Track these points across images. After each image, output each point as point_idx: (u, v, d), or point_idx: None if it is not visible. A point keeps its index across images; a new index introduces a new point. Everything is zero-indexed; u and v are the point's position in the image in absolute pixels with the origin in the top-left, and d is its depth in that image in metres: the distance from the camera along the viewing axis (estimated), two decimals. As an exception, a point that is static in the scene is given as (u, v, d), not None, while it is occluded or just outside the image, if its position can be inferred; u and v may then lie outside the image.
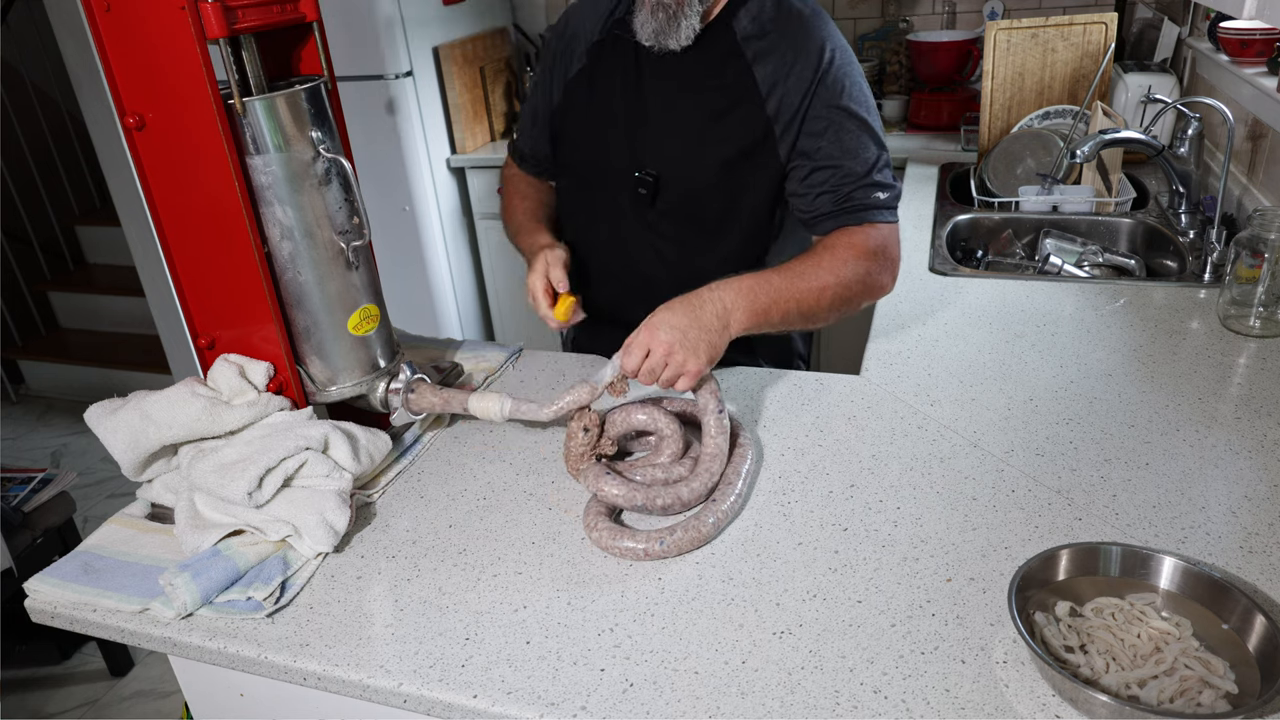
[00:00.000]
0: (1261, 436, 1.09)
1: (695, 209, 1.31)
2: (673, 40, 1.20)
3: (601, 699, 0.79)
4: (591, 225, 1.39)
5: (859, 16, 2.97)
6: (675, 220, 1.32)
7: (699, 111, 1.26)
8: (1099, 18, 2.12)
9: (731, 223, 1.31)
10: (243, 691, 0.98)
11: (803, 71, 1.21)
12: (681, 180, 1.29)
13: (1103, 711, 0.72)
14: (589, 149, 1.35)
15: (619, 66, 1.30)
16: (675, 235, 1.33)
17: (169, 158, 0.98)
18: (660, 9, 1.19)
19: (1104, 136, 1.68)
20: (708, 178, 1.28)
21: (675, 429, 1.07)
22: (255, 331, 1.05)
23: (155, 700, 2.21)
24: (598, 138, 1.33)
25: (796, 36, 1.22)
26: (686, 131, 1.27)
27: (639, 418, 1.08)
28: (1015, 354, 1.32)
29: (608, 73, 1.31)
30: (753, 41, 1.23)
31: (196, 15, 0.89)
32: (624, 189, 1.32)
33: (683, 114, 1.27)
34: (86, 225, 3.99)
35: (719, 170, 1.27)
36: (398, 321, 1.23)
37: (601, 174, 1.34)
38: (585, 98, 1.34)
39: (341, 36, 2.55)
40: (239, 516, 0.98)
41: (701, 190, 1.29)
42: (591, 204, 1.38)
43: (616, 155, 1.32)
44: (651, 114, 1.29)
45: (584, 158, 1.37)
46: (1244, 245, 1.35)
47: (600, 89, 1.32)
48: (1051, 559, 0.85)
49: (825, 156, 1.22)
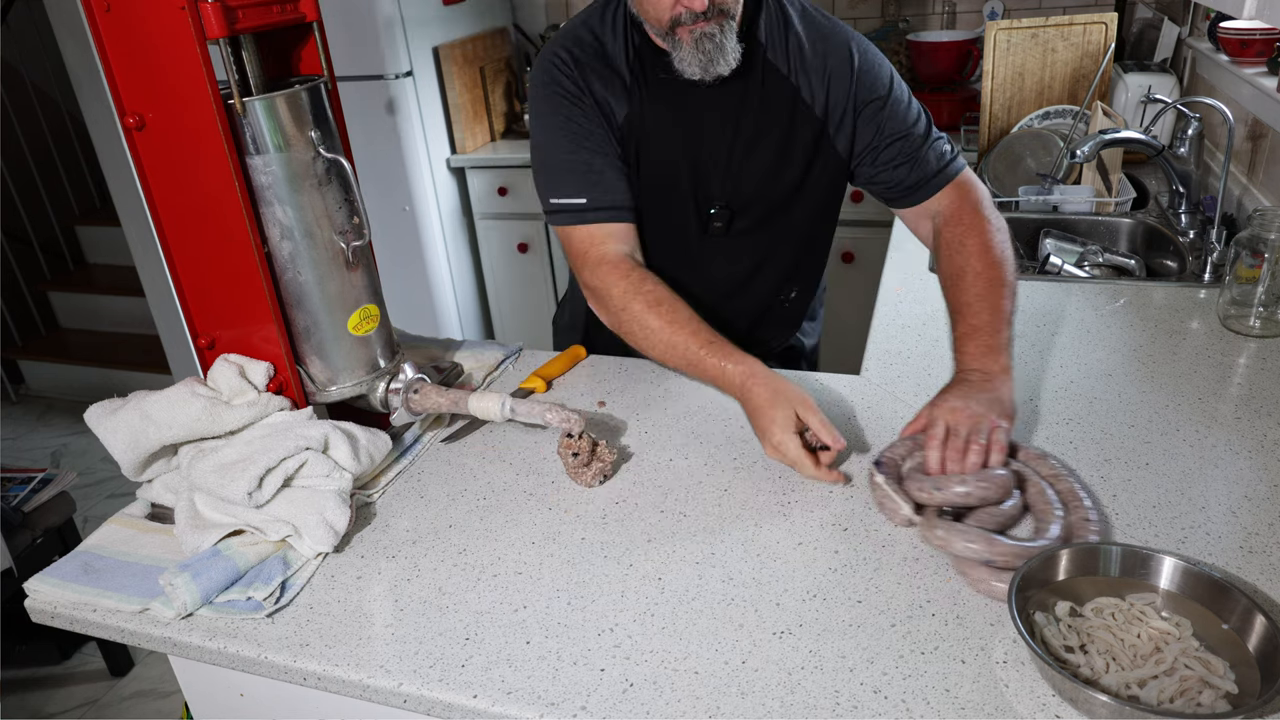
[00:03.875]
0: (1261, 436, 1.09)
1: (770, 225, 1.33)
2: (723, 65, 1.16)
3: (601, 699, 0.79)
4: (661, 248, 1.32)
5: (859, 16, 2.97)
6: (748, 240, 1.34)
7: (758, 136, 1.26)
8: (1099, 18, 2.12)
9: (802, 223, 1.34)
10: (243, 691, 0.98)
11: (840, 73, 1.24)
12: (756, 207, 1.31)
13: (1103, 711, 0.72)
14: (652, 191, 1.28)
15: (663, 105, 1.24)
16: (747, 253, 1.36)
17: (169, 158, 0.98)
18: (705, 39, 1.14)
19: (1104, 136, 1.68)
20: (780, 197, 1.30)
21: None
22: (255, 331, 1.05)
23: (155, 700, 2.21)
24: (659, 180, 1.28)
25: (823, 42, 1.24)
26: (751, 160, 1.27)
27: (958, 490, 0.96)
28: (1015, 354, 1.32)
29: (655, 113, 1.25)
30: (779, 52, 1.24)
31: (196, 15, 0.89)
32: (692, 224, 1.32)
33: (742, 142, 1.26)
34: (86, 225, 3.99)
35: (790, 188, 1.30)
36: (398, 321, 1.23)
37: (665, 213, 1.30)
38: (639, 141, 1.26)
39: (341, 36, 2.55)
40: (239, 516, 0.98)
41: (775, 209, 1.32)
42: (662, 233, 1.32)
43: (679, 195, 1.29)
44: (713, 149, 1.27)
45: (647, 201, 1.28)
46: (1244, 245, 1.35)
47: (651, 132, 1.25)
48: (1052, 559, 0.85)
49: (888, 135, 1.26)
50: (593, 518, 1.03)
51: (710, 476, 1.09)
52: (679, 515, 1.02)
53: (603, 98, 1.23)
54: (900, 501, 0.97)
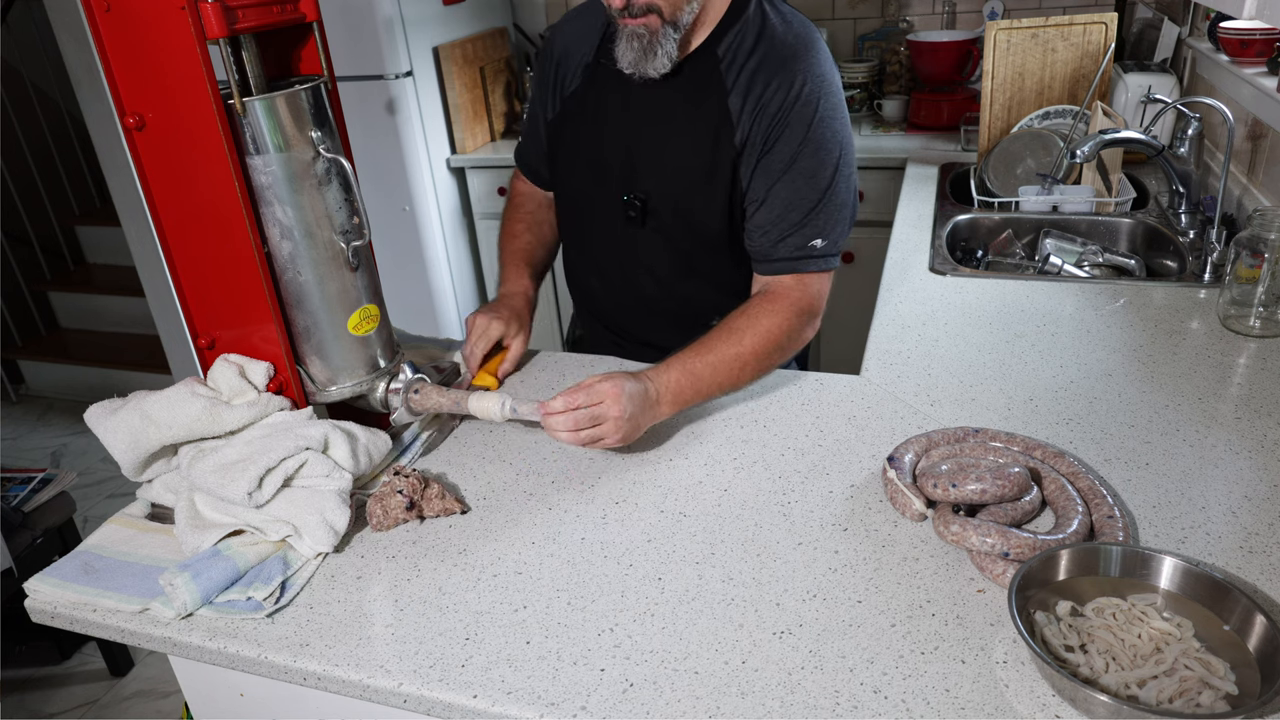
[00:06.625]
0: (1261, 436, 1.09)
1: (680, 231, 1.33)
2: (650, 69, 1.19)
3: (601, 699, 0.79)
4: (586, 239, 1.43)
5: (859, 16, 2.97)
6: (664, 239, 1.34)
7: (680, 139, 1.27)
8: (1099, 18, 2.12)
9: (716, 242, 1.32)
10: (243, 691, 0.98)
11: (771, 105, 1.21)
12: (666, 204, 1.31)
13: (1102, 711, 0.72)
14: (582, 168, 1.36)
15: (610, 89, 1.30)
16: (665, 253, 1.35)
17: (169, 158, 0.98)
18: (635, 38, 1.17)
19: (1104, 136, 1.68)
20: (689, 203, 1.30)
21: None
22: (255, 331, 1.05)
23: (155, 700, 2.21)
24: (590, 158, 1.35)
25: (774, 69, 1.21)
26: (669, 158, 1.28)
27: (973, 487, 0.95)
28: (1015, 354, 1.32)
29: (599, 95, 1.32)
30: (732, 70, 1.23)
31: (196, 15, 0.89)
32: (615, 209, 1.34)
33: (666, 141, 1.28)
34: (86, 225, 3.99)
35: (699, 196, 1.28)
36: (398, 321, 1.23)
37: (594, 193, 1.36)
38: (578, 117, 1.34)
39: (341, 36, 2.55)
40: (239, 516, 0.98)
41: (685, 214, 1.31)
42: (586, 220, 1.41)
43: (607, 177, 1.33)
44: (638, 140, 1.30)
45: (578, 176, 1.38)
46: (1244, 245, 1.35)
47: (592, 110, 1.33)
48: (1052, 559, 0.85)
49: (772, 198, 1.23)
50: (593, 518, 1.03)
51: (710, 476, 1.09)
52: (679, 515, 1.02)
53: (565, 66, 1.35)
54: (912, 497, 0.97)
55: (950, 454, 1.05)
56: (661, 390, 1.12)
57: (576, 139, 1.36)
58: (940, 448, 1.06)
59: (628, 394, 1.07)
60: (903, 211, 2.00)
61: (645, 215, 1.32)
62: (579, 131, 1.35)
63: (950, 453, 1.05)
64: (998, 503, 0.95)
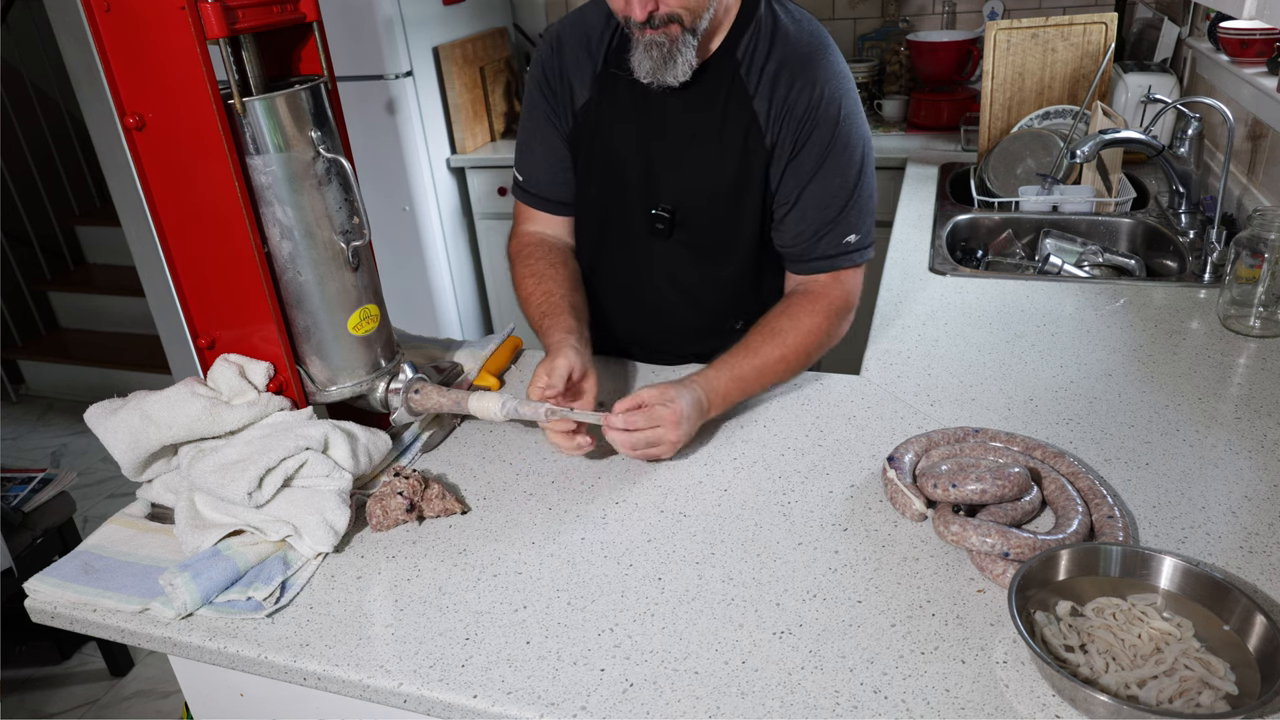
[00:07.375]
0: (1261, 436, 1.09)
1: (710, 239, 1.32)
2: (670, 77, 1.17)
3: (601, 699, 0.79)
4: (606, 252, 1.39)
5: (859, 16, 2.97)
6: (688, 249, 1.33)
7: (706, 146, 1.25)
8: (1099, 18, 2.12)
9: (743, 245, 1.32)
10: (243, 691, 0.98)
11: (798, 107, 1.20)
12: (697, 214, 1.30)
13: (1102, 711, 0.72)
14: (603, 183, 1.33)
15: (626, 99, 1.27)
16: (688, 263, 1.34)
17: (169, 158, 0.98)
18: (655, 47, 1.15)
19: (1104, 136, 1.68)
20: (722, 210, 1.29)
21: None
22: (255, 331, 1.05)
23: (155, 700, 2.21)
24: (611, 172, 1.31)
25: (795, 71, 1.20)
26: (697, 167, 1.27)
27: (973, 487, 0.95)
28: (1015, 354, 1.32)
29: (614, 105, 1.28)
30: (753, 74, 1.22)
31: (196, 15, 0.89)
32: (637, 222, 1.32)
33: (691, 149, 1.26)
34: (86, 225, 3.99)
35: (732, 203, 1.28)
36: (398, 321, 1.23)
37: (616, 207, 1.33)
38: (595, 130, 1.30)
39: (341, 36, 2.55)
40: (239, 516, 0.98)
41: (718, 221, 1.30)
42: (603, 232, 1.38)
43: (631, 191, 1.31)
44: (662, 150, 1.27)
45: (598, 191, 1.34)
46: (1244, 245, 1.35)
47: (608, 123, 1.29)
48: (1052, 559, 0.85)
49: (805, 199, 1.23)
50: (593, 518, 1.03)
51: (710, 476, 1.09)
52: (679, 515, 1.02)
53: (569, 81, 1.30)
54: (912, 497, 0.97)
55: (950, 454, 1.05)
56: (712, 398, 1.14)
57: (591, 152, 1.32)
58: (940, 448, 1.06)
59: (685, 416, 1.08)
60: (903, 211, 2.00)
61: (673, 227, 1.31)
62: (593, 145, 1.31)
63: (950, 453, 1.05)
64: (998, 503, 0.95)
